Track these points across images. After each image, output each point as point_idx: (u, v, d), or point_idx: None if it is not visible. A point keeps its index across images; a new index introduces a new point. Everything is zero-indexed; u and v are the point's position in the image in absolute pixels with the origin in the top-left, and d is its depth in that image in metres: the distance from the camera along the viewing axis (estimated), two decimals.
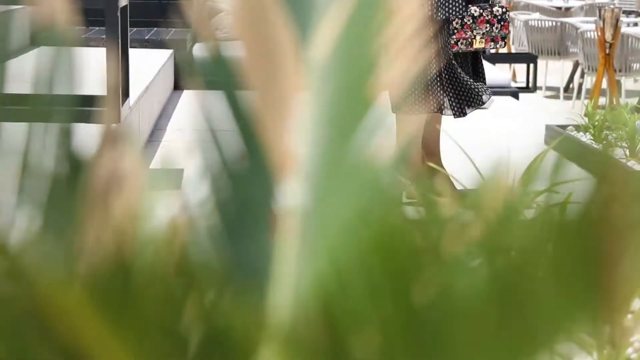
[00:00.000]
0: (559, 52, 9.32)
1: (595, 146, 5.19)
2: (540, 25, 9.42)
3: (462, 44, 3.91)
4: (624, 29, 8.03)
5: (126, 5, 3.91)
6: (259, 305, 0.37)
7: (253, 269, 0.42)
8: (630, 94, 8.62)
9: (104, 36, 3.95)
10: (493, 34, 3.98)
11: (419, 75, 0.46)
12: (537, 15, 10.29)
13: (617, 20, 7.67)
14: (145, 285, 0.33)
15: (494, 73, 7.14)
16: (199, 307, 0.35)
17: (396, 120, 3.67)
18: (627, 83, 8.65)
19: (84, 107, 0.52)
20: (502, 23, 4.00)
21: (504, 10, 4.03)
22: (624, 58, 8.02)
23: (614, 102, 7.37)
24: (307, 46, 0.47)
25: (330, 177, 0.45)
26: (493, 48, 4.13)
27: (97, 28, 6.10)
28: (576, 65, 9.20)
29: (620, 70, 8.04)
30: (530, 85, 9.23)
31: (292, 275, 0.42)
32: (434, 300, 0.35)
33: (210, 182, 0.44)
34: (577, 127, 5.61)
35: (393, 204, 0.41)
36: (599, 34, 7.73)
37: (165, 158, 0.42)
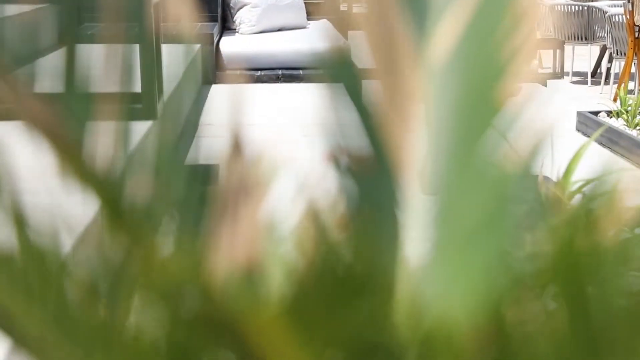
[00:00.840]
0: (586, 37, 9.21)
1: (629, 131, 5.12)
2: (566, 10, 9.31)
3: None
4: None
5: (159, 2, 3.90)
6: (412, 315, 0.36)
7: (385, 274, 0.41)
8: None
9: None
10: None
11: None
12: None
13: None
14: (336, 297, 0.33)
15: None
16: (355, 316, 0.34)
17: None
18: None
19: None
20: None
21: None
22: None
23: None
24: (426, 45, 0.46)
25: (457, 180, 0.43)
26: None
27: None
28: (603, 49, 9.08)
29: None
30: (558, 71, 9.13)
31: (422, 282, 0.41)
32: (613, 308, 0.34)
33: (339, 183, 0.43)
34: (610, 113, 5.55)
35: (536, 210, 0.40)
36: (628, 17, 7.62)
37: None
